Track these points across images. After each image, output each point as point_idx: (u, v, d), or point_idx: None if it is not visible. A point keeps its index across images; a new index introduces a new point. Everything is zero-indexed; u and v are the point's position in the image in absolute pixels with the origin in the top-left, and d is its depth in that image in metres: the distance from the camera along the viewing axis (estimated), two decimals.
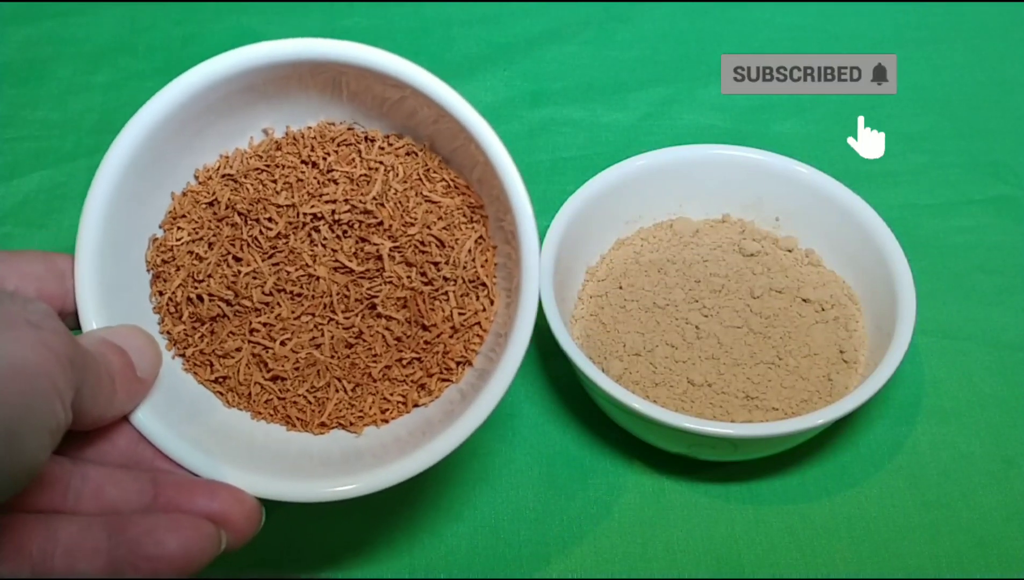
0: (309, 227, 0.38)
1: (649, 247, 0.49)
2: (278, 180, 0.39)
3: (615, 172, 0.48)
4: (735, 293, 0.47)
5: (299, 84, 0.38)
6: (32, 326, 0.28)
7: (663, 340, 0.45)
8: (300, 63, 0.37)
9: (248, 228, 0.39)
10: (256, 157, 0.40)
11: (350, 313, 0.38)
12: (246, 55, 0.36)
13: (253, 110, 0.39)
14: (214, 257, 0.39)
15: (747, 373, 0.44)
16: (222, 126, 0.39)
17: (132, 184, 0.37)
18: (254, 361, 0.38)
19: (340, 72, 0.38)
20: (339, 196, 0.38)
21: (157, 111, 0.36)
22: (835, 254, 0.48)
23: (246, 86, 0.37)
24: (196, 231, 0.39)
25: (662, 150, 0.49)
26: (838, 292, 0.47)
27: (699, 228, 0.50)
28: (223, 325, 0.39)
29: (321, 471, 0.36)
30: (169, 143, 0.38)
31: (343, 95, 0.39)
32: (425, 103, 0.37)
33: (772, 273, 0.48)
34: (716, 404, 0.43)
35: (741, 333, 0.45)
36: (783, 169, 0.48)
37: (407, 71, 0.36)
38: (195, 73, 0.36)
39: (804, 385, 0.44)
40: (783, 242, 0.49)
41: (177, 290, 0.38)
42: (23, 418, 0.27)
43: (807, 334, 0.45)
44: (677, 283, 0.47)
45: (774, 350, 0.45)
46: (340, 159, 0.39)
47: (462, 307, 0.38)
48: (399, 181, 0.39)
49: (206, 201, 0.39)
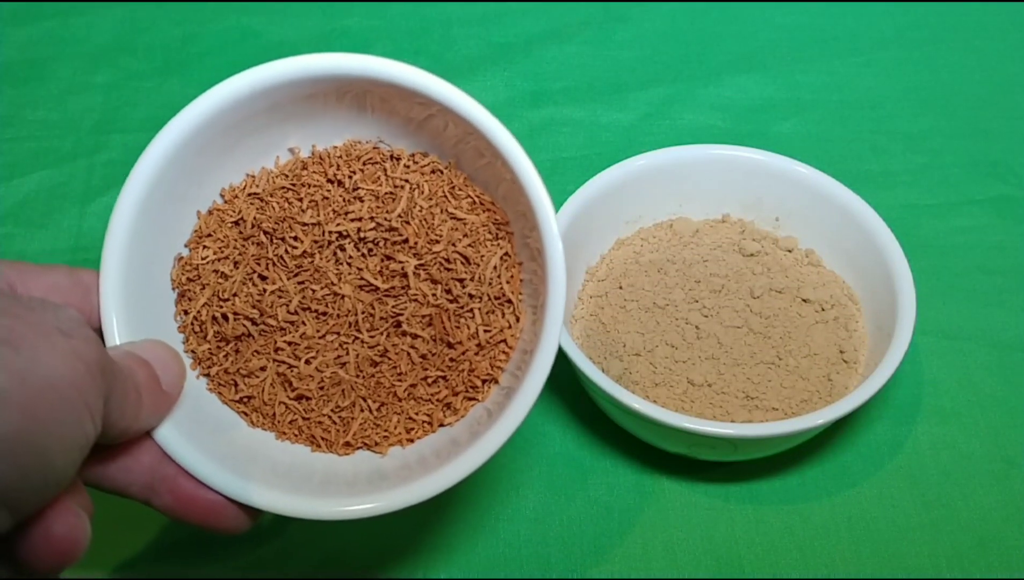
0: (335, 245, 0.38)
1: (649, 247, 0.49)
2: (304, 198, 0.39)
3: (615, 172, 0.48)
4: (735, 293, 0.47)
5: (324, 102, 0.38)
6: (63, 334, 0.28)
7: (663, 340, 0.45)
8: (326, 79, 0.36)
9: (273, 247, 0.38)
10: (282, 176, 0.39)
11: (375, 331, 0.38)
12: (272, 71, 0.36)
13: (279, 129, 0.39)
14: (239, 276, 0.38)
15: (747, 373, 0.44)
16: (248, 145, 0.39)
17: (158, 202, 0.37)
18: (279, 380, 0.38)
19: (366, 89, 0.37)
20: (364, 214, 0.38)
21: (183, 128, 0.36)
22: (835, 254, 0.48)
23: (272, 104, 0.37)
24: (221, 250, 0.39)
25: (662, 150, 0.49)
26: (838, 292, 0.47)
27: (699, 228, 0.50)
28: (248, 344, 0.38)
29: (345, 491, 0.36)
30: (195, 161, 0.37)
31: (369, 113, 0.39)
32: (452, 120, 0.37)
33: (772, 273, 0.48)
34: (716, 404, 0.43)
35: (741, 333, 0.45)
36: (783, 169, 0.48)
37: (436, 88, 0.36)
38: (221, 89, 0.36)
39: (804, 385, 0.44)
40: (783, 242, 0.49)
41: (202, 309, 0.38)
42: (53, 432, 0.27)
43: (807, 334, 0.45)
44: (677, 283, 0.47)
45: (774, 350, 0.45)
46: (366, 177, 0.39)
47: (488, 324, 0.38)
48: (424, 198, 0.38)
49: (232, 220, 0.39)
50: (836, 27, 0.64)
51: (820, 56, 0.63)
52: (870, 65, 0.62)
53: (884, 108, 0.60)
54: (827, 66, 0.62)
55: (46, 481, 0.28)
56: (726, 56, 0.63)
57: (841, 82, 0.61)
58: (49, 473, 0.27)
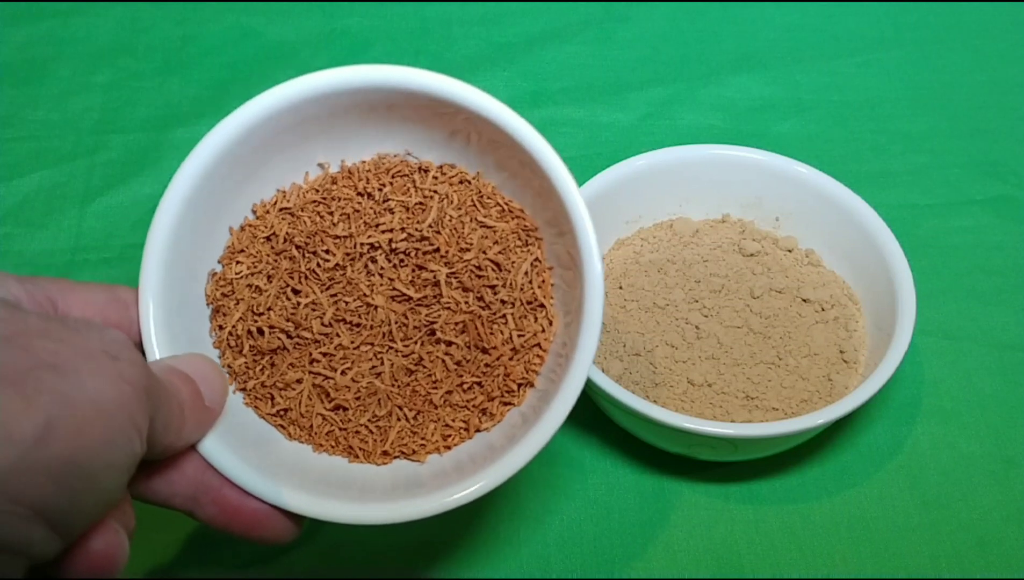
0: (366, 257, 0.39)
1: (649, 247, 0.49)
2: (335, 212, 0.39)
3: (615, 172, 0.48)
4: (735, 293, 0.47)
5: (352, 117, 0.39)
6: (110, 357, 0.28)
7: (663, 340, 0.45)
8: (353, 92, 0.37)
9: (306, 261, 0.39)
10: (312, 191, 0.40)
11: (409, 341, 0.38)
12: (300, 86, 0.36)
13: (308, 145, 0.39)
14: (273, 290, 0.39)
15: (747, 373, 0.44)
16: (278, 161, 0.39)
17: (192, 220, 0.37)
18: (315, 391, 0.38)
19: (393, 102, 0.38)
20: (395, 225, 0.38)
21: (215, 146, 0.37)
22: (835, 254, 0.48)
23: (300, 120, 0.38)
24: (255, 265, 0.39)
25: (662, 150, 0.49)
26: (838, 292, 0.47)
27: (699, 228, 0.50)
28: (283, 357, 0.39)
29: (385, 497, 0.36)
30: (226, 179, 0.38)
31: (395, 126, 0.39)
32: (477, 130, 0.37)
33: (772, 273, 0.48)
34: (716, 404, 0.43)
35: (741, 333, 0.45)
36: (783, 169, 0.48)
37: (464, 94, 0.36)
38: (250, 107, 0.37)
39: (804, 385, 0.44)
40: (783, 242, 0.49)
41: (237, 323, 0.39)
42: (102, 456, 0.27)
43: (807, 334, 0.45)
44: (677, 283, 0.47)
45: (774, 350, 0.45)
46: (395, 189, 0.39)
47: (521, 329, 0.38)
48: (454, 208, 0.39)
49: (264, 235, 0.39)
50: (836, 27, 0.64)
51: (820, 56, 0.63)
52: (870, 65, 0.62)
53: (884, 108, 0.60)
54: (827, 66, 0.62)
55: (95, 504, 0.28)
56: (726, 56, 0.63)
57: (841, 82, 0.61)
58: (98, 495, 0.28)
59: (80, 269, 0.52)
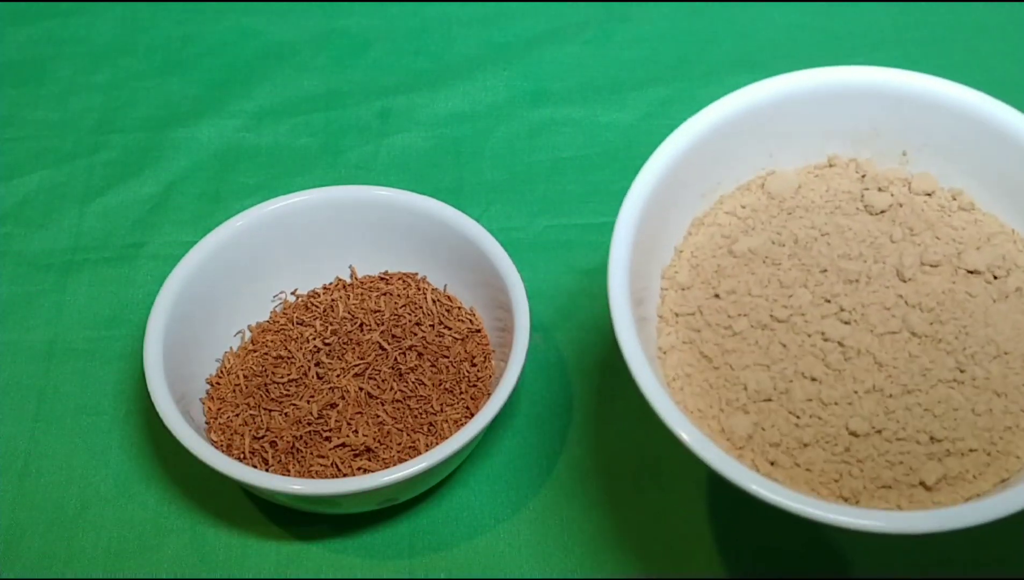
0: (314, 362, 0.44)
1: (740, 225, 0.36)
2: (288, 339, 0.45)
3: (678, 140, 0.36)
4: (879, 278, 0.34)
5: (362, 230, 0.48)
6: None
7: (797, 371, 0.32)
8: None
9: (271, 386, 0.44)
10: (271, 326, 0.46)
11: (392, 383, 0.44)
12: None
13: (271, 281, 0.47)
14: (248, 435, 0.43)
15: (923, 401, 0.31)
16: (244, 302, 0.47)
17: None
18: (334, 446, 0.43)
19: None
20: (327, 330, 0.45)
21: (181, 280, 0.44)
22: (992, 191, 0.35)
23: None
24: (231, 408, 0.44)
25: (736, 93, 0.38)
26: (1010, 248, 0.34)
27: (801, 182, 0.37)
28: (300, 449, 0.43)
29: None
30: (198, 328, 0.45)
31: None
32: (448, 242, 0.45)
33: (918, 235, 0.35)
34: (895, 461, 0.31)
35: (901, 341, 0.32)
36: (901, 86, 0.37)
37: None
38: (195, 254, 0.45)
39: (1002, 404, 0.31)
40: (918, 183, 0.36)
41: (242, 446, 0.43)
42: None
43: (986, 323, 0.32)
44: (796, 278, 0.34)
45: (951, 358, 0.32)
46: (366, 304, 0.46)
47: (469, 353, 0.45)
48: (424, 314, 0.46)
49: (232, 384, 0.45)
50: (836, 27, 0.64)
51: (820, 56, 0.63)
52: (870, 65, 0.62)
53: None
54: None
55: None
56: (726, 56, 0.63)
57: None
58: None
59: (80, 269, 0.53)
